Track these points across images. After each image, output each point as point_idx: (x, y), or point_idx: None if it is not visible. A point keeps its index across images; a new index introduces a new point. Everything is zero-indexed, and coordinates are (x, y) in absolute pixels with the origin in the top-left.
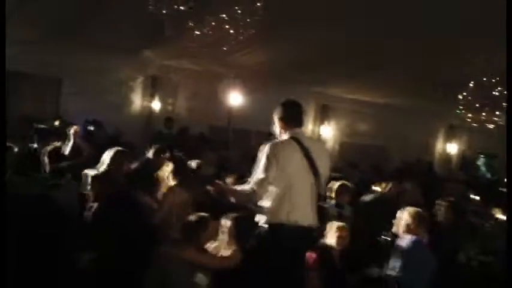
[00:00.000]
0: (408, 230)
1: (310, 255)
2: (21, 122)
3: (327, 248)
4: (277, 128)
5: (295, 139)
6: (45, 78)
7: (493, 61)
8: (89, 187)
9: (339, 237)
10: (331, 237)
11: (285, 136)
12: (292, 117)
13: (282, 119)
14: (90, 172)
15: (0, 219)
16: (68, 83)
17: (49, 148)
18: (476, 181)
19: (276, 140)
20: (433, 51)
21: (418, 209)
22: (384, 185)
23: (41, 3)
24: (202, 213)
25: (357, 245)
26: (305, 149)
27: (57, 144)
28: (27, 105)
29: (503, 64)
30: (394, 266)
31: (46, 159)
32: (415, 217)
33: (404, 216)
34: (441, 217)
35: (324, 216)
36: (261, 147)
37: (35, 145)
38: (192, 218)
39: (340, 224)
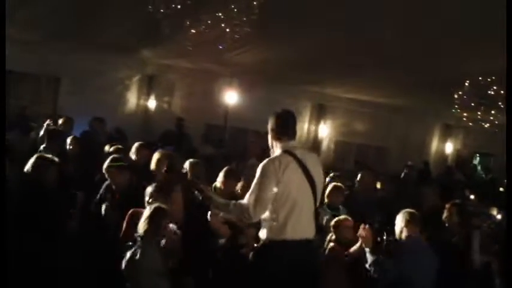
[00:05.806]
0: (403, 230)
1: None
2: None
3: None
4: (269, 139)
5: (290, 153)
6: (43, 77)
7: (489, 60)
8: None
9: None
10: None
11: (278, 150)
12: (285, 129)
13: (274, 131)
14: None
15: (0, 216)
16: (66, 83)
17: None
18: (472, 180)
19: (273, 157)
20: (430, 51)
21: (411, 210)
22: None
23: (40, 4)
24: None
25: None
26: (301, 162)
27: None
28: (25, 105)
29: (498, 63)
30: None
31: None
32: (408, 218)
33: (398, 218)
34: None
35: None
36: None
37: (43, 145)
38: None
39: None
